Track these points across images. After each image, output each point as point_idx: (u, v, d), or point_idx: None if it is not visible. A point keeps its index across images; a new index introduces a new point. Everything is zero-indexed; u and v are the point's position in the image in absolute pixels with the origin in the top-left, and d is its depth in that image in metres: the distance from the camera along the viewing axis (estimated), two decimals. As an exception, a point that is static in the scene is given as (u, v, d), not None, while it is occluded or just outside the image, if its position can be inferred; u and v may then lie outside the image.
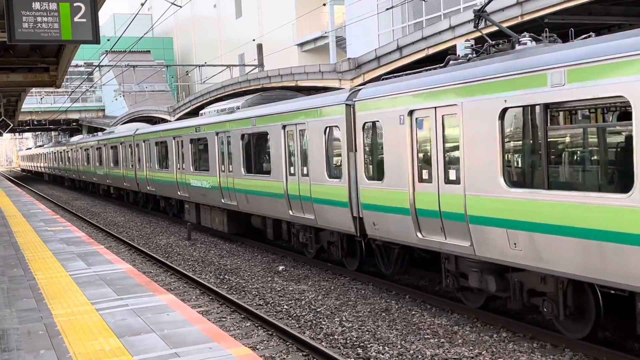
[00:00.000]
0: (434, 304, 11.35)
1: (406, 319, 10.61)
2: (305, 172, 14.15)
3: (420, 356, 8.79)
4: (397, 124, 11.00)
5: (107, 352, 6.66)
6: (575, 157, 8.53)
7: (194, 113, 35.81)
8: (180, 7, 24.98)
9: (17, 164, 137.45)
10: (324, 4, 31.33)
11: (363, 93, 12.17)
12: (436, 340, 9.47)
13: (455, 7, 24.96)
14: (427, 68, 11.10)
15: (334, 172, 13.29)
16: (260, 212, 16.63)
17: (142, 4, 20.62)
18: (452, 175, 9.91)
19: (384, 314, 10.92)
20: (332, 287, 13.00)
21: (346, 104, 12.51)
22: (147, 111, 47.42)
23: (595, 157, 8.18)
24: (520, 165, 9.07)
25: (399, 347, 9.20)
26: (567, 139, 8.53)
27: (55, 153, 56.36)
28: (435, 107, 10.12)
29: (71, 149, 46.27)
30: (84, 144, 41.16)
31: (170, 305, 8.44)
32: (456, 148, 9.80)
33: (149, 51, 66.49)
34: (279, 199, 15.28)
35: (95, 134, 42.71)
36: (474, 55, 10.27)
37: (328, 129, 13.28)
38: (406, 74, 11.58)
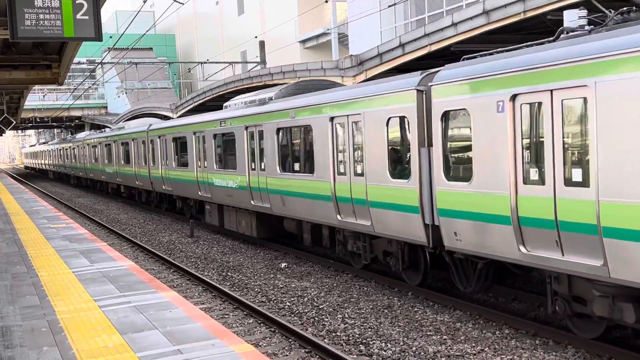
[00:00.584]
0: (436, 300, 11.34)
1: (409, 315, 10.62)
2: (359, 171, 12.28)
3: (422, 353, 8.79)
4: (494, 112, 8.99)
5: (110, 348, 6.68)
6: None
7: (197, 110, 35.84)
8: (183, 4, 25.01)
9: (20, 161, 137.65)
10: (326, 1, 31.29)
11: (442, 75, 10.05)
12: (439, 337, 9.48)
13: (457, 3, 24.91)
14: (527, 44, 9.07)
15: (398, 171, 11.27)
16: (299, 216, 14.64)
17: (145, 1, 20.54)
18: (577, 175, 7.94)
19: (386, 311, 10.92)
20: (335, 284, 13.01)
21: (417, 90, 10.53)
22: (149, 108, 47.45)
23: None
24: None
25: (402, 343, 9.21)
26: None
27: (60, 150, 54.35)
28: (552, 90, 8.12)
29: (77, 146, 44.51)
30: (91, 140, 39.27)
31: (173, 302, 8.45)
32: (583, 141, 7.84)
33: (151, 48, 66.54)
34: (324, 202, 13.47)
35: (102, 130, 41.69)
36: (591, 27, 8.46)
37: (391, 119, 11.25)
38: (494, 52, 9.61)
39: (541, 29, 16.12)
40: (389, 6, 24.41)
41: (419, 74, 10.85)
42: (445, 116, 9.99)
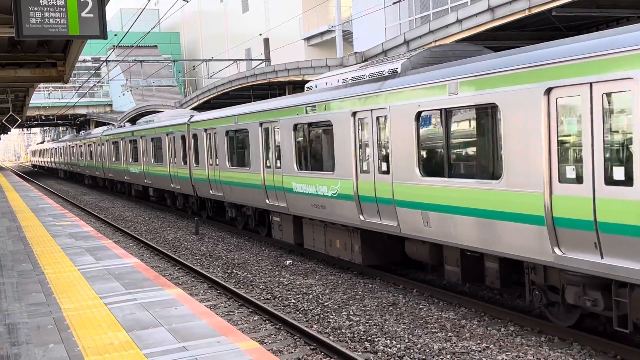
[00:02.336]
0: (441, 297, 11.34)
1: (413, 312, 10.62)
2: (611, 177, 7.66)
3: (427, 350, 8.79)
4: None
5: (116, 346, 6.70)
6: None
7: (202, 108, 35.86)
8: (187, 1, 24.95)
9: (26, 159, 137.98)
10: (331, -2, 31.30)
11: None
12: (444, 334, 9.47)
13: (462, 0, 24.87)
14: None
15: None
16: (460, 242, 9.98)
17: (149, -1, 20.57)
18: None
19: (391, 308, 10.92)
20: (340, 282, 13.02)
21: None
22: (154, 106, 47.50)
23: None
24: None
25: (407, 340, 9.21)
26: None
27: (73, 147, 49.76)
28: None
29: (94, 142, 40.05)
30: (111, 135, 35.05)
31: (178, 300, 8.47)
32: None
33: (156, 46, 66.60)
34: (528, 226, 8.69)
35: (121, 124, 38.23)
36: None
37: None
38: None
39: (546, 25, 16.08)
40: (394, 3, 24.38)
41: None
42: None
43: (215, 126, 19.71)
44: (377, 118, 11.70)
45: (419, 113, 10.63)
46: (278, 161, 15.55)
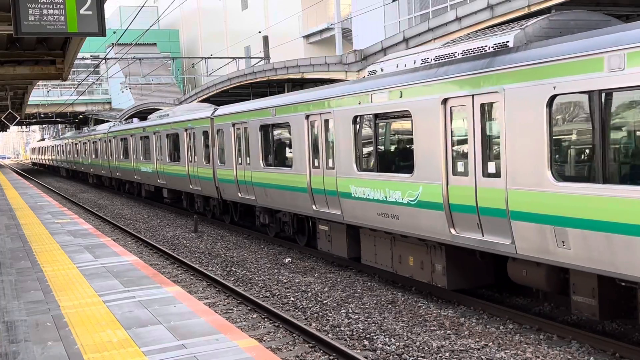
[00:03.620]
0: (440, 295, 11.34)
1: (412, 310, 10.62)
2: None
3: (426, 348, 8.80)
4: None
5: (114, 343, 6.69)
6: None
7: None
8: (186, -1, 24.81)
9: (25, 157, 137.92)
10: (330, -4, 31.30)
11: None
12: (442, 332, 9.48)
13: (461, -2, 24.86)
14: None
15: None
16: (617, 269, 7.57)
17: (148, -4, 20.48)
18: None
19: (390, 306, 10.93)
20: (339, 279, 13.02)
21: None
22: (153, 104, 47.50)
23: None
24: None
25: (405, 338, 9.22)
26: None
27: (76, 144, 47.45)
28: None
29: (99, 139, 37.89)
30: (119, 132, 32.89)
31: (177, 297, 8.47)
32: None
33: (155, 43, 66.61)
34: None
35: (129, 120, 36.37)
36: None
37: None
38: None
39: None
40: (393, 1, 24.35)
41: None
42: None
43: (246, 120, 17.26)
44: (483, 105, 9.18)
45: (553, 97, 8.13)
46: (330, 160, 13.16)
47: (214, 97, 36.13)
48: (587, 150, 7.89)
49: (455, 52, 10.14)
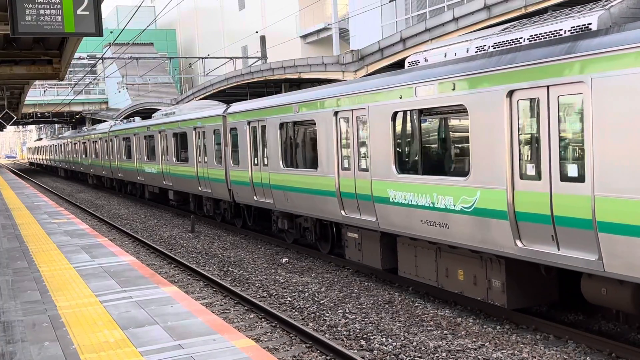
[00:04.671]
0: (437, 295, 11.35)
1: (409, 310, 10.63)
2: None
3: (423, 348, 8.81)
4: None
5: (111, 343, 6.69)
6: None
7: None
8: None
9: (21, 156, 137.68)
10: (327, -4, 31.33)
11: None
12: (439, 331, 9.49)
13: (458, -2, 24.89)
14: None
15: None
16: None
17: (145, -4, 20.46)
18: None
19: (387, 306, 10.94)
20: (336, 279, 13.02)
21: None
22: (150, 103, 47.47)
23: None
24: None
25: (402, 338, 9.23)
26: None
27: (75, 144, 46.30)
28: None
29: (100, 139, 37.02)
30: (121, 131, 31.88)
31: (174, 297, 8.47)
32: None
33: (152, 43, 66.56)
34: None
35: (131, 119, 35.40)
36: None
37: None
38: None
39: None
40: (390, 1, 24.37)
41: None
42: None
43: (264, 117, 15.99)
44: (562, 98, 7.98)
45: None
46: (363, 162, 12.01)
47: (211, 97, 36.09)
48: None
49: (521, 38, 8.92)
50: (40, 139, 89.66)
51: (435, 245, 10.54)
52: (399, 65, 19.02)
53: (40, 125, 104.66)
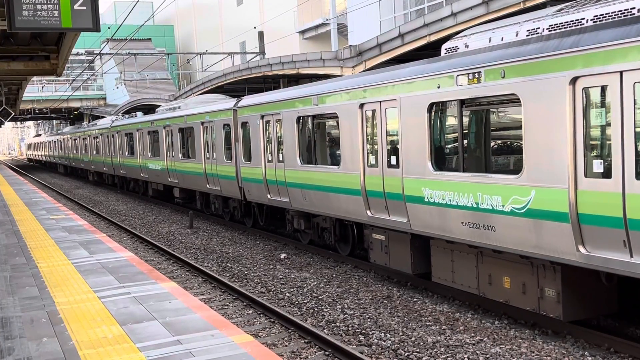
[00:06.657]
0: (435, 291, 11.36)
1: (408, 306, 10.63)
2: None
3: (421, 343, 8.81)
4: None
5: (109, 339, 6.69)
6: None
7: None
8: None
9: (19, 153, 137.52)
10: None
11: None
12: (438, 327, 9.49)
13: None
14: None
15: None
16: None
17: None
18: None
19: (385, 301, 10.94)
20: (334, 275, 13.03)
21: None
22: (148, 99, 47.42)
23: None
24: None
25: (401, 334, 9.23)
26: None
27: (75, 140, 45.43)
28: None
29: (101, 135, 36.19)
30: (123, 126, 31.05)
31: (172, 293, 8.46)
32: None
33: (150, 39, 66.40)
34: None
35: (133, 114, 34.17)
36: None
37: None
38: None
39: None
40: (388, -4, 24.36)
41: None
42: None
43: (279, 111, 15.08)
44: (635, 85, 6.97)
45: None
46: (394, 157, 11.09)
47: (210, 92, 36.08)
48: None
49: (583, 19, 7.87)
50: (38, 135, 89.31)
51: (477, 249, 9.66)
52: (398, 60, 19.01)
53: (38, 122, 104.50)
